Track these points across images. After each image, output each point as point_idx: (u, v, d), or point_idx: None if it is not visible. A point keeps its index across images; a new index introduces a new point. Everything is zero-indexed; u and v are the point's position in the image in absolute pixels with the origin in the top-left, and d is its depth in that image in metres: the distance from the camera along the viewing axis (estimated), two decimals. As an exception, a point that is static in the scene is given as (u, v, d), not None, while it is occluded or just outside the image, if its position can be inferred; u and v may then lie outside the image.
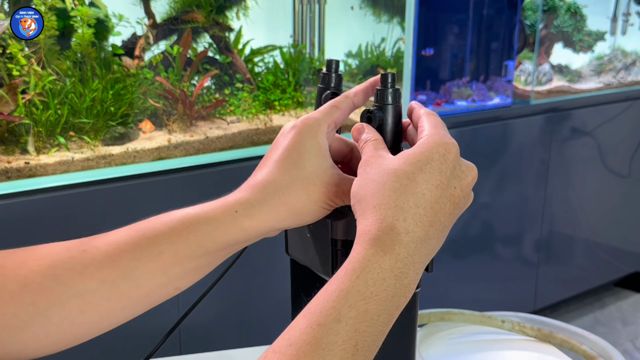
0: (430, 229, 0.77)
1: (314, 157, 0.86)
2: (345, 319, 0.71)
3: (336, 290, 0.73)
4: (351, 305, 0.71)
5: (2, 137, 1.87)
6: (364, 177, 0.80)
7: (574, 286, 3.95)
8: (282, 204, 0.84)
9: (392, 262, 0.74)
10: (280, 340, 0.72)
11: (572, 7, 3.64)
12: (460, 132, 3.12)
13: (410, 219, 0.75)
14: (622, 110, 3.87)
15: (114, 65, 2.04)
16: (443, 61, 3.23)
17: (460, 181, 0.80)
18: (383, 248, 0.74)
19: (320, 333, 0.70)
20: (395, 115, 0.91)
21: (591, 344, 1.37)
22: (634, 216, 4.18)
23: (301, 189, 0.85)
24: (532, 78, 3.48)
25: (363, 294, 0.72)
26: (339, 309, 0.71)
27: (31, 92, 1.86)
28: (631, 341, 3.80)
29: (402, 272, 0.74)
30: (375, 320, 0.73)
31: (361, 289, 0.72)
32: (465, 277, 3.30)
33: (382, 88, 0.90)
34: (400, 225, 0.75)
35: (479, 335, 1.48)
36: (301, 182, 0.85)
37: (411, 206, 0.76)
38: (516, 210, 3.47)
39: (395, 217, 0.75)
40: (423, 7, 3.04)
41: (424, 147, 0.80)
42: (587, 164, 3.77)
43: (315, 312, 0.72)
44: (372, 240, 0.75)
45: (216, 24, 2.29)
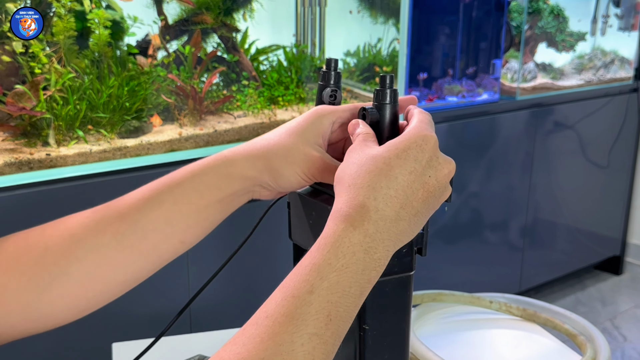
0: (401, 211, 0.77)
1: (310, 137, 0.89)
2: (317, 291, 0.72)
3: (309, 264, 0.74)
4: (323, 277, 0.72)
5: (25, 130, 1.86)
6: (346, 162, 0.82)
7: (556, 269, 3.96)
8: (265, 158, 0.88)
9: (361, 237, 0.75)
10: (258, 313, 0.72)
11: (555, 10, 3.64)
12: (451, 125, 3.12)
13: (380, 199, 0.76)
14: (601, 105, 3.87)
15: (129, 63, 2.04)
16: (435, 60, 3.23)
17: (436, 171, 0.81)
18: (353, 224, 0.75)
19: (294, 304, 0.71)
20: (392, 114, 0.90)
21: (573, 323, 1.37)
22: (613, 204, 4.18)
23: (286, 157, 0.88)
24: (517, 75, 3.48)
25: (334, 266, 0.73)
26: (312, 281, 0.72)
27: (52, 88, 1.86)
28: (610, 320, 3.80)
29: (371, 247, 0.75)
30: (347, 292, 0.73)
31: (332, 262, 0.73)
32: (456, 261, 3.30)
33: (380, 88, 0.90)
34: (371, 203, 0.76)
35: (468, 315, 1.48)
36: (289, 152, 0.88)
37: (382, 187, 0.77)
38: (503, 199, 3.47)
39: (366, 196, 0.76)
40: (417, 9, 3.04)
41: (404, 137, 0.81)
42: (569, 156, 3.77)
43: (289, 285, 0.73)
44: (343, 217, 0.76)
45: (224, 25, 2.28)
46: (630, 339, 3.60)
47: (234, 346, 0.70)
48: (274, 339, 0.69)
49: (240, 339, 0.70)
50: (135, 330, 1.96)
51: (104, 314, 2.03)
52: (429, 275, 3.01)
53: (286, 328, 0.70)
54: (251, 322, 0.72)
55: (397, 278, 0.97)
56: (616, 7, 3.96)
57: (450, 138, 3.14)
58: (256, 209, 1.22)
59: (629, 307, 3.97)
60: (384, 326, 0.99)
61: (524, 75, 3.52)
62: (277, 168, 0.89)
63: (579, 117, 3.75)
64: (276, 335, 0.69)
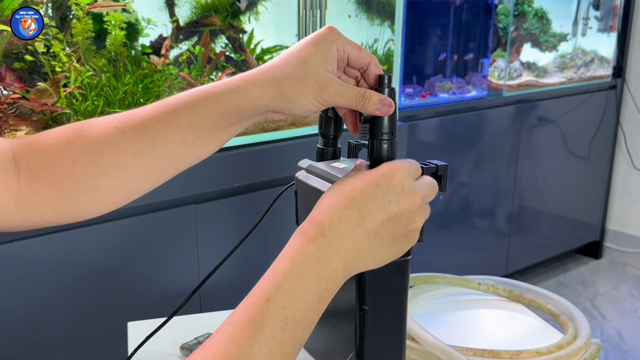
0: (357, 229, 0.79)
1: (318, 60, 0.87)
2: (273, 298, 0.74)
3: (269, 274, 0.77)
4: (278, 285, 0.75)
5: (47, 124, 1.86)
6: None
7: (540, 253, 3.96)
8: (277, 87, 0.86)
9: (315, 249, 0.77)
10: (225, 321, 0.75)
11: (539, 12, 3.63)
12: (442, 120, 3.11)
13: (336, 217, 0.78)
14: (582, 101, 3.87)
15: (143, 62, 2.03)
16: (427, 59, 3.23)
17: (398, 197, 0.80)
18: (308, 238, 0.78)
19: (253, 311, 0.74)
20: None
21: (555, 303, 1.37)
22: (592, 193, 4.18)
23: (297, 80, 0.86)
24: (504, 73, 3.47)
25: (288, 275, 0.76)
26: (268, 289, 0.75)
27: (71, 85, 1.85)
28: (590, 301, 3.80)
29: (325, 259, 0.77)
30: (302, 299, 0.75)
31: (287, 271, 0.76)
32: (447, 245, 3.30)
33: (379, 87, 0.89)
34: (326, 220, 0.78)
35: (458, 296, 1.48)
36: (299, 74, 0.86)
37: (340, 207, 0.79)
38: (491, 188, 3.47)
39: (324, 214, 0.79)
40: (410, 12, 3.03)
41: (376, 169, 0.82)
42: (552, 148, 3.77)
43: (251, 294, 0.76)
44: (300, 232, 0.79)
45: (231, 26, 2.28)
46: (609, 318, 3.61)
47: (202, 350, 0.73)
48: (235, 343, 0.72)
49: (208, 344, 0.73)
50: (149, 311, 1.96)
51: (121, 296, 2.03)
52: (423, 258, 3.01)
53: (246, 333, 0.73)
54: (219, 329, 0.75)
55: (396, 262, 0.96)
56: (596, 10, 3.96)
57: (441, 132, 3.13)
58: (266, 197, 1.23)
59: (607, 289, 3.97)
60: (382, 307, 0.99)
61: (510, 73, 3.51)
62: (290, 96, 0.87)
63: (561, 112, 3.75)
64: (237, 339, 0.72)
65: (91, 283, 1.91)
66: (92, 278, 1.91)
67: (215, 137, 0.92)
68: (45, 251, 1.82)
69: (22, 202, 0.89)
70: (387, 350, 1.02)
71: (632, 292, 3.93)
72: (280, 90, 0.87)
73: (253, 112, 0.89)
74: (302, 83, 0.86)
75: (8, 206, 0.89)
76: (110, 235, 1.93)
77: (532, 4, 3.60)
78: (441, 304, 1.45)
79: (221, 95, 0.89)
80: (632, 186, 4.26)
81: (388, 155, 0.90)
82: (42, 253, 1.81)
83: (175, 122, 0.90)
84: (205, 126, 0.90)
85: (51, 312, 1.87)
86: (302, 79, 0.86)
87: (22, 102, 1.78)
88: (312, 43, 0.88)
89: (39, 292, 1.83)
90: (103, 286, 1.94)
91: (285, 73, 0.87)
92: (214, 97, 0.89)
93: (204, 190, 2.07)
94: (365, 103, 0.86)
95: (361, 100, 0.86)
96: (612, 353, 3.24)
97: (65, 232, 1.84)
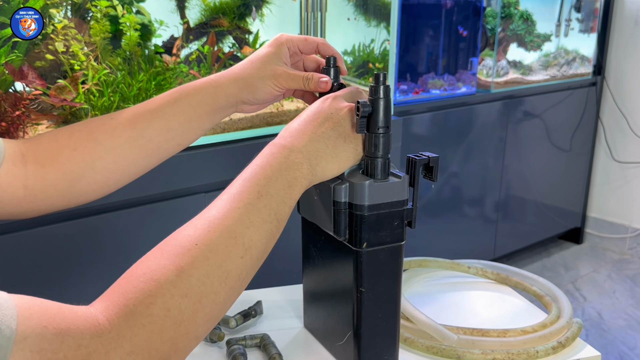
0: (311, 134, 0.89)
1: (273, 57, 1.04)
2: (249, 177, 0.83)
3: (249, 167, 0.86)
4: (255, 173, 0.84)
5: (66, 119, 1.86)
6: None
7: (525, 239, 3.96)
8: (243, 79, 1.03)
9: (281, 150, 0.87)
10: (220, 195, 0.84)
11: (524, 14, 3.63)
12: (434, 115, 3.11)
13: (293, 130, 0.90)
14: (564, 97, 3.87)
15: (156, 61, 2.03)
16: (420, 58, 3.22)
17: (339, 112, 0.92)
18: (275, 145, 0.89)
19: (239, 189, 0.83)
20: (385, 107, 0.91)
21: (540, 285, 1.37)
22: (574, 182, 4.18)
23: (258, 71, 1.03)
24: (492, 71, 3.47)
25: (263, 166, 0.85)
26: (243, 175, 0.85)
27: (89, 82, 1.85)
28: (572, 283, 3.81)
29: (289, 156, 0.86)
30: (274, 180, 0.84)
31: (263, 164, 0.85)
32: (438, 231, 3.31)
33: (375, 84, 0.91)
34: (284, 134, 0.90)
35: (449, 279, 1.48)
36: (260, 68, 1.03)
37: (292, 127, 0.91)
38: (479, 178, 3.47)
39: (281, 133, 0.91)
40: (405, 14, 3.03)
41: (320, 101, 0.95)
42: (537, 141, 3.77)
43: (235, 182, 0.85)
44: (269, 144, 0.89)
45: (238, 27, 2.27)
46: (589, 299, 3.61)
47: (211, 207, 0.81)
48: (216, 208, 0.80)
49: (214, 203, 0.81)
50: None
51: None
52: (415, 243, 3.01)
53: (225, 202, 0.80)
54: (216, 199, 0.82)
55: (390, 247, 0.97)
56: (577, 12, 3.96)
57: (434, 126, 3.13)
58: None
59: (588, 272, 3.97)
60: (378, 289, 1.00)
61: (497, 71, 3.51)
62: (253, 84, 1.02)
63: (545, 107, 3.74)
64: (218, 207, 0.80)
65: (108, 268, 1.91)
66: (109, 263, 1.91)
67: (195, 126, 1.03)
68: (70, 235, 1.82)
69: (30, 188, 0.96)
70: (382, 329, 1.03)
71: (610, 275, 3.94)
72: (246, 81, 1.02)
73: (224, 101, 1.03)
74: (262, 73, 1.02)
75: (17, 192, 0.95)
76: (127, 221, 1.93)
77: (518, 6, 3.59)
78: (433, 286, 1.45)
79: (200, 89, 1.02)
80: (611, 176, 4.26)
81: (383, 147, 0.91)
82: (67, 237, 1.82)
83: (162, 111, 1.01)
84: (187, 114, 1.01)
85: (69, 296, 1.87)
86: (261, 71, 1.02)
87: (43, 98, 1.78)
88: (269, 46, 1.05)
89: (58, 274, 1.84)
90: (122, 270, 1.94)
91: (250, 69, 1.03)
92: (194, 90, 1.02)
93: (213, 180, 2.07)
94: (309, 83, 1.02)
95: (306, 81, 1.02)
96: (592, 332, 3.25)
97: (86, 219, 1.84)
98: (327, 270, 1.09)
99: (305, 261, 1.15)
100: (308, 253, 1.13)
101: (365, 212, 0.93)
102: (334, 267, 1.05)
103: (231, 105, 1.04)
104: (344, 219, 0.94)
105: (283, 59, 1.04)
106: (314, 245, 1.10)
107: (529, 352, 1.13)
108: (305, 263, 1.15)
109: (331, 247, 1.04)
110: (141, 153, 1.01)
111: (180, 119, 1.01)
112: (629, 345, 3.14)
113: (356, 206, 0.93)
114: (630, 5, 4.03)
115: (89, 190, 1.01)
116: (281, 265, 2.00)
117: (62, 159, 0.97)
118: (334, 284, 1.07)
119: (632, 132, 4.10)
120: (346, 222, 0.95)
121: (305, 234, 1.12)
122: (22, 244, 1.75)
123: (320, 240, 1.07)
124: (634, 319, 3.39)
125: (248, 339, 1.17)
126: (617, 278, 3.89)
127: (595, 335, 3.22)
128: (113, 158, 0.99)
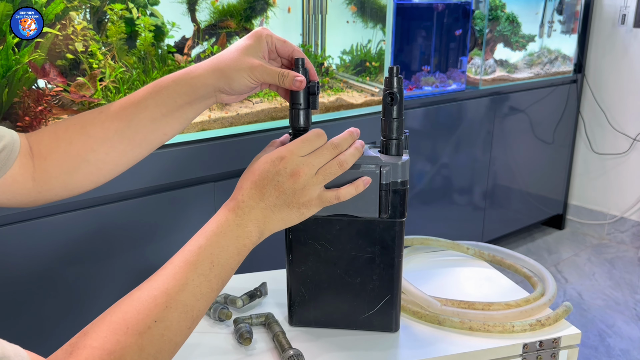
0: (260, 203, 0.90)
1: (252, 49, 0.99)
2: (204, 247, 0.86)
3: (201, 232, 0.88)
4: (208, 239, 0.87)
5: (86, 114, 1.86)
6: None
7: (511, 224, 3.96)
8: (220, 70, 0.98)
9: (234, 217, 0.89)
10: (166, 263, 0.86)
11: (510, 17, 3.62)
12: (426, 110, 3.11)
13: (246, 195, 0.91)
14: (547, 93, 3.87)
15: (169, 60, 2.03)
16: (413, 57, 3.22)
17: (283, 178, 0.90)
18: (229, 209, 0.90)
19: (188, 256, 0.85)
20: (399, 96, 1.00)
21: (530, 266, 1.39)
22: (556, 173, 4.19)
23: (235, 63, 0.98)
24: (480, 69, 3.46)
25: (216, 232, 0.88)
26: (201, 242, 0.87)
27: (107, 80, 1.85)
28: (554, 266, 3.81)
29: (241, 224, 0.89)
30: (225, 249, 0.86)
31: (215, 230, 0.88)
32: (430, 218, 3.31)
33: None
34: (239, 197, 0.91)
35: (448, 257, 1.50)
36: (237, 59, 0.98)
37: (246, 188, 0.91)
38: (468, 168, 3.47)
39: (238, 193, 0.92)
40: (399, 16, 3.03)
41: (272, 153, 0.93)
42: (522, 134, 3.77)
43: (187, 246, 0.87)
44: (225, 205, 0.91)
45: (245, 29, 2.27)
46: (571, 281, 3.62)
47: (149, 282, 0.82)
48: (174, 277, 0.82)
49: (154, 277, 0.83)
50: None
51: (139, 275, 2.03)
52: (409, 229, 3.01)
53: (182, 270, 0.83)
54: (161, 268, 0.84)
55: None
56: (559, 14, 3.96)
57: (426, 120, 3.13)
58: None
59: (569, 256, 3.98)
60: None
61: (485, 69, 3.51)
62: (230, 74, 0.98)
63: (529, 103, 3.74)
64: (176, 275, 0.82)
65: (119, 255, 1.92)
66: (121, 251, 1.92)
67: (177, 116, 1.01)
68: (78, 225, 1.82)
69: (37, 179, 0.98)
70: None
71: (590, 258, 3.94)
72: (223, 72, 0.98)
73: (203, 90, 0.99)
74: (239, 65, 0.98)
75: (27, 183, 0.97)
76: (140, 209, 1.93)
77: (505, 9, 3.59)
78: (433, 262, 1.48)
79: (178, 80, 0.99)
80: (590, 167, 4.27)
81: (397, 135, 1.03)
82: (74, 227, 1.82)
83: (145, 103, 0.99)
84: (168, 105, 0.99)
85: (79, 283, 1.87)
86: (239, 63, 0.98)
87: (63, 94, 1.78)
88: (248, 38, 1.00)
89: (70, 264, 1.84)
90: (133, 258, 1.94)
91: (227, 60, 0.98)
92: (174, 82, 0.99)
93: (222, 170, 2.08)
94: (284, 80, 0.98)
95: (281, 77, 0.98)
96: (573, 311, 3.23)
97: (98, 207, 1.84)
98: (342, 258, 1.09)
99: (289, 250, 1.12)
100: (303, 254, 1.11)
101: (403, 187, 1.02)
102: (358, 246, 1.08)
103: (210, 94, 1.01)
104: (388, 197, 1.01)
105: (261, 52, 1.00)
106: (316, 241, 1.09)
107: (504, 326, 1.14)
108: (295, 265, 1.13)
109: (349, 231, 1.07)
110: (130, 144, 1.00)
111: (162, 110, 0.99)
112: (607, 324, 3.15)
113: (398, 183, 1.01)
114: (608, 8, 4.02)
115: (87, 181, 1.02)
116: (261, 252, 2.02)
117: (60, 152, 0.98)
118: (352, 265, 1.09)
119: (610, 126, 4.10)
120: (388, 199, 1.01)
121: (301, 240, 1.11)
122: (44, 229, 1.75)
123: (330, 233, 1.08)
124: (612, 299, 3.40)
125: (254, 317, 1.19)
126: (596, 261, 3.90)
127: (575, 315, 3.22)
128: (104, 150, 0.99)
